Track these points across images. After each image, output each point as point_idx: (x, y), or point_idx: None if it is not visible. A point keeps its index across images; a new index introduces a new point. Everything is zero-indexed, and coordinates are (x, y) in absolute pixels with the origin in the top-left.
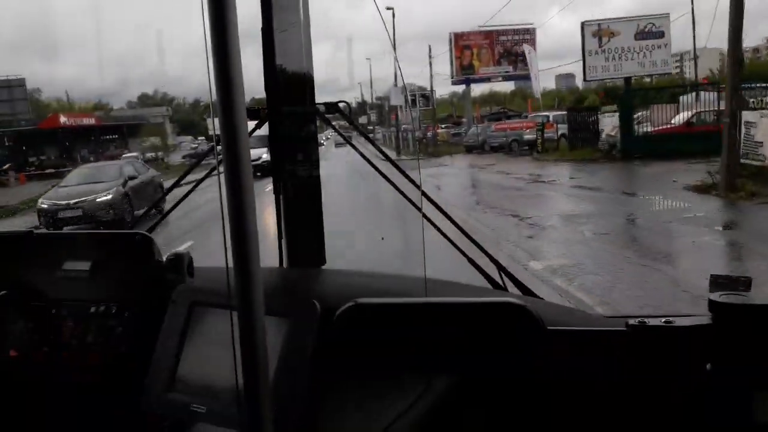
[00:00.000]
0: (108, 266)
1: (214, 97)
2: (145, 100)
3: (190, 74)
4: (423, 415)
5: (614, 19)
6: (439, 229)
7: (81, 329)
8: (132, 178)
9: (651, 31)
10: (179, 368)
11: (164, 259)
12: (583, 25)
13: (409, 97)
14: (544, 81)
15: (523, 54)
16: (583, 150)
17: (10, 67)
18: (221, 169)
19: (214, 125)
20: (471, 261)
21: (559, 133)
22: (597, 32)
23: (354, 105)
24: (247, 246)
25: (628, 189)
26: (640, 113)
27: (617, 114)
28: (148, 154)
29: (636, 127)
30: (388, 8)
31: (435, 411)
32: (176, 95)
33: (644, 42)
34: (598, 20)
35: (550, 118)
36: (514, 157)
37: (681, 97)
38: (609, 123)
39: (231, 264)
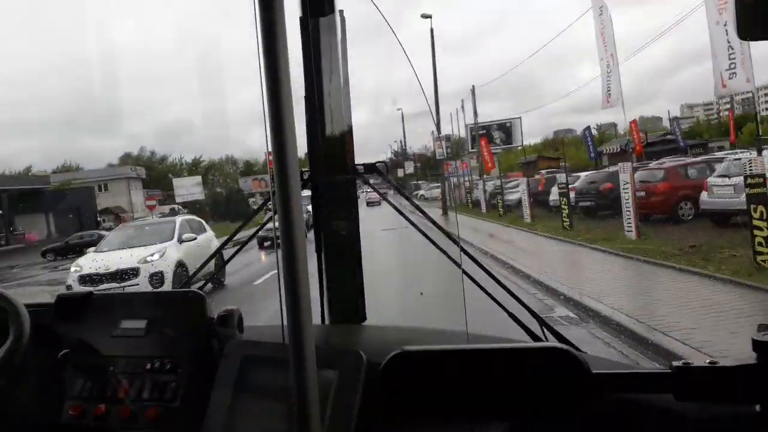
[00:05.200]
0: (162, 324)
1: (269, 158)
2: (125, 160)
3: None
4: None
5: None
6: (478, 285)
7: (137, 385)
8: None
9: None
10: (232, 421)
11: (216, 315)
12: None
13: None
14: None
15: None
16: None
17: (66, 141)
18: (278, 232)
19: (271, 188)
20: (511, 315)
21: None
22: None
23: (389, 159)
24: (300, 303)
25: None
26: None
27: None
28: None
29: None
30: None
31: None
32: (172, 153)
33: None
34: None
35: None
36: None
37: None
38: None
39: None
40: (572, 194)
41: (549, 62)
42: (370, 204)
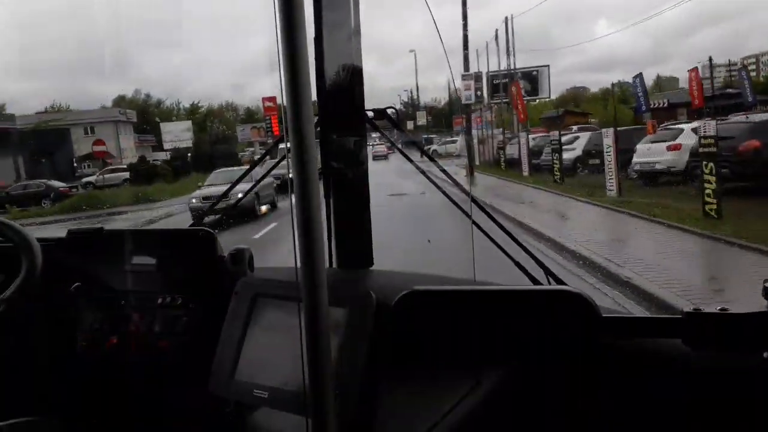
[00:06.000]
0: (173, 261)
1: (285, 103)
2: (119, 103)
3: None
4: (477, 404)
5: None
6: (487, 235)
7: (148, 319)
8: None
9: None
10: (242, 355)
11: (227, 254)
12: None
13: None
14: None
15: None
16: None
17: (66, 84)
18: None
19: (286, 133)
20: (518, 264)
21: None
22: None
23: (399, 109)
24: (314, 243)
25: None
26: None
27: None
28: None
29: None
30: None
31: (488, 402)
32: (168, 98)
33: None
34: None
35: None
36: None
37: None
38: None
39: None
40: (666, 157)
41: (563, 18)
42: (376, 158)
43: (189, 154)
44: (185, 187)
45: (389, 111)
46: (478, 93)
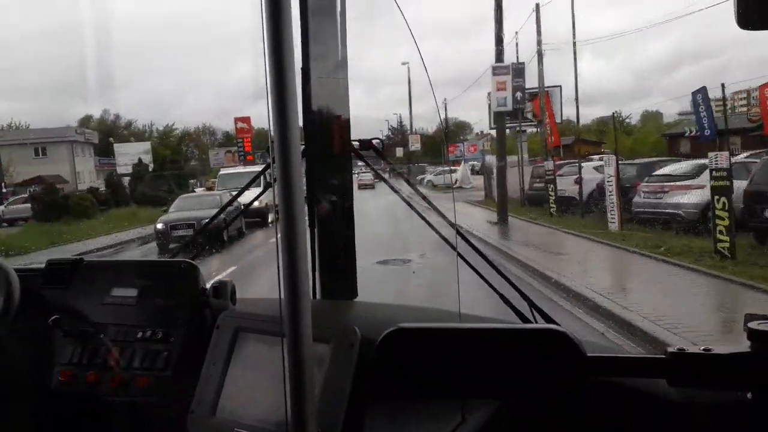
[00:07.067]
0: (154, 293)
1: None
2: (86, 123)
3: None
4: None
5: None
6: (472, 267)
7: (128, 353)
8: None
9: None
10: (223, 392)
11: (208, 286)
12: None
13: None
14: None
15: None
16: None
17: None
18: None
19: (272, 162)
20: (502, 297)
21: None
22: None
23: (387, 136)
24: (299, 276)
25: None
26: None
27: None
28: None
29: None
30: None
31: None
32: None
33: None
34: None
35: None
36: None
37: None
38: None
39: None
40: None
41: (547, 53)
42: (362, 187)
43: (128, 180)
44: (100, 228)
45: (375, 142)
46: (518, 95)
